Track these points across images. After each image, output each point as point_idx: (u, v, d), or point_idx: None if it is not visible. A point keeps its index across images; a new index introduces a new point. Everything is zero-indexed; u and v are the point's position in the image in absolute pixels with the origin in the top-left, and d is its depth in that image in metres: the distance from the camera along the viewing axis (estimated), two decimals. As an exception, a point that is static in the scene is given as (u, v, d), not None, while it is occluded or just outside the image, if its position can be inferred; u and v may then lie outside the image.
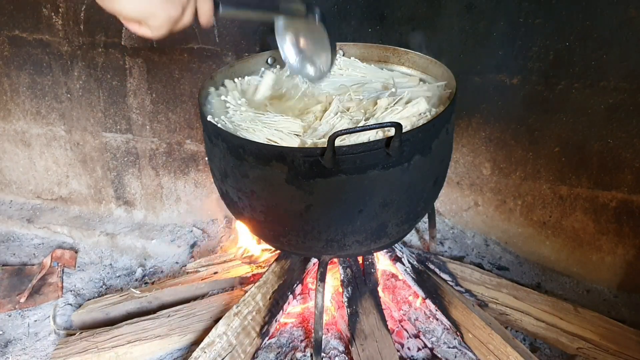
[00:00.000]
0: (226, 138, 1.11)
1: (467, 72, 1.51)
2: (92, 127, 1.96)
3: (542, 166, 1.58)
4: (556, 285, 1.64)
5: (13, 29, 1.86)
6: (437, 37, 1.50)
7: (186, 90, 1.79)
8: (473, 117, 1.59)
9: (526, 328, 1.43)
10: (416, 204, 1.19)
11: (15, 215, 2.12)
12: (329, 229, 1.14)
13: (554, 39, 1.41)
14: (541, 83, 1.47)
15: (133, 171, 2.00)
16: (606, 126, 1.46)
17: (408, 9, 1.49)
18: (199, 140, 1.87)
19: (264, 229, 1.24)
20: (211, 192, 1.95)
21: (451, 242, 1.77)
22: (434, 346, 1.37)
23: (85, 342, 1.42)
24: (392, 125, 0.98)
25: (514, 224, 1.71)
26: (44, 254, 1.94)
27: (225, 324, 1.35)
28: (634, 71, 1.37)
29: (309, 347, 1.37)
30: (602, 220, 1.57)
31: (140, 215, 2.06)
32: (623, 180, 1.50)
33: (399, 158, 1.05)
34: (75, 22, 1.79)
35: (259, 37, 1.64)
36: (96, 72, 1.85)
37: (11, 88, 1.98)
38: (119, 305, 1.56)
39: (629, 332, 1.40)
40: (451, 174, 1.70)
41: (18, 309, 1.68)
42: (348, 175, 1.04)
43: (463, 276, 1.55)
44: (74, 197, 2.12)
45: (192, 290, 1.59)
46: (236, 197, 1.19)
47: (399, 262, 1.50)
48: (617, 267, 1.60)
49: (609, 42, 1.36)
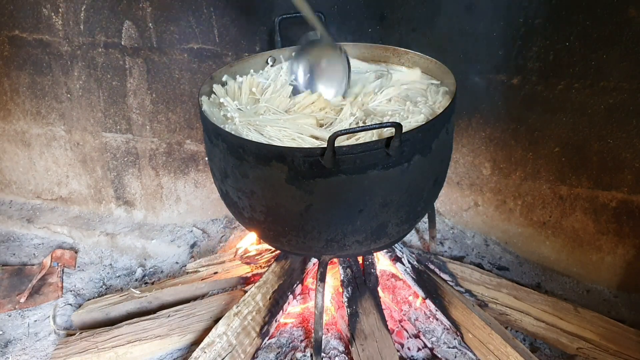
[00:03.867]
0: (226, 138, 1.11)
1: (467, 72, 1.51)
2: (92, 127, 1.96)
3: (542, 166, 1.58)
4: (556, 285, 1.64)
5: (13, 29, 1.87)
6: (437, 37, 1.50)
7: (186, 90, 1.79)
8: (473, 117, 1.59)
9: (526, 328, 1.43)
10: (416, 204, 1.19)
11: (15, 215, 2.12)
12: (329, 229, 1.14)
13: (554, 39, 1.41)
14: (541, 83, 1.47)
15: (133, 171, 2.00)
16: (606, 126, 1.46)
17: (408, 9, 1.49)
18: (199, 140, 1.87)
19: (264, 229, 1.24)
20: (211, 192, 1.95)
21: (451, 242, 1.77)
22: (434, 346, 1.37)
23: (85, 342, 1.42)
24: (392, 125, 0.98)
25: (514, 224, 1.71)
26: (44, 254, 1.94)
27: (225, 324, 1.35)
28: (634, 71, 1.37)
29: (309, 347, 1.37)
30: (602, 220, 1.57)
31: (140, 215, 2.06)
32: (623, 180, 1.50)
33: (399, 158, 1.05)
34: (75, 22, 1.79)
35: (259, 37, 1.64)
36: (96, 72, 1.85)
37: (11, 88, 1.98)
38: (119, 305, 1.56)
39: (629, 332, 1.40)
40: (451, 174, 1.70)
41: (18, 309, 1.68)
42: (348, 175, 1.04)
43: (463, 276, 1.55)
44: (74, 197, 2.12)
45: (192, 290, 1.59)
46: (236, 197, 1.19)
47: (399, 262, 1.50)
48: (617, 267, 1.60)
49: (609, 42, 1.36)
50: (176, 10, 1.66)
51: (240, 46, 1.67)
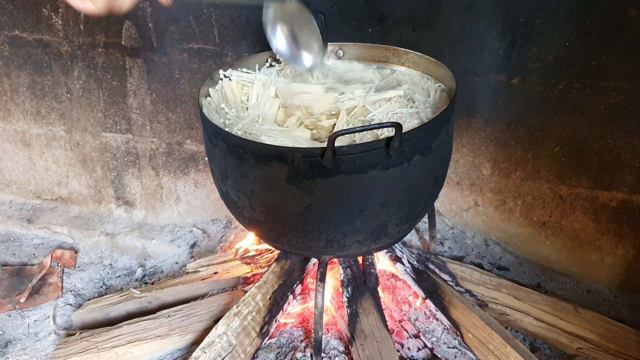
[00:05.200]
0: (226, 138, 1.11)
1: (467, 72, 1.51)
2: (92, 127, 1.96)
3: (542, 166, 1.58)
4: (556, 285, 1.64)
5: (13, 29, 1.87)
6: (437, 37, 1.50)
7: (186, 90, 1.79)
8: (473, 117, 1.59)
9: (526, 328, 1.43)
10: (416, 204, 1.19)
11: (15, 215, 2.12)
12: (329, 229, 1.14)
13: (554, 39, 1.41)
14: (541, 83, 1.47)
15: (133, 171, 2.00)
16: (606, 126, 1.46)
17: (408, 9, 1.49)
18: (199, 140, 1.87)
19: (264, 229, 1.24)
20: (211, 192, 1.95)
21: (451, 242, 1.77)
22: (434, 346, 1.37)
23: (85, 342, 1.42)
24: (392, 125, 0.98)
25: (514, 224, 1.71)
26: (44, 254, 1.94)
27: (225, 324, 1.35)
28: (634, 71, 1.37)
29: (309, 347, 1.37)
30: (602, 220, 1.57)
31: (140, 215, 2.06)
32: (623, 180, 1.50)
33: (399, 158, 1.05)
34: (75, 22, 1.79)
35: (259, 37, 1.64)
36: (96, 72, 1.85)
37: (11, 88, 1.98)
38: (119, 305, 1.56)
39: (629, 332, 1.40)
40: (451, 174, 1.70)
41: (18, 309, 1.68)
42: (348, 175, 1.04)
43: (463, 276, 1.55)
44: (74, 197, 2.12)
45: (192, 290, 1.59)
46: (236, 197, 1.19)
47: (399, 262, 1.50)
48: (617, 267, 1.60)
49: (609, 42, 1.36)
50: (176, 10, 1.66)
51: (240, 46, 1.67)
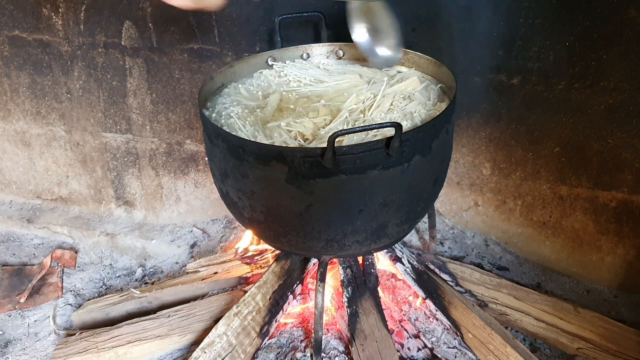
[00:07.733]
0: (226, 138, 1.11)
1: (467, 72, 1.51)
2: (92, 127, 1.96)
3: (542, 166, 1.58)
4: (556, 285, 1.64)
5: (13, 29, 1.87)
6: (437, 37, 1.50)
7: (186, 90, 1.79)
8: (473, 117, 1.59)
9: (526, 328, 1.43)
10: (416, 204, 1.19)
11: (15, 215, 2.12)
12: (329, 229, 1.14)
13: (554, 39, 1.41)
14: (541, 83, 1.47)
15: (133, 171, 2.00)
16: (606, 126, 1.45)
17: (408, 9, 1.49)
18: (199, 140, 1.87)
19: (264, 229, 1.24)
20: (211, 192, 1.95)
21: (451, 242, 1.77)
22: (434, 346, 1.37)
23: (85, 342, 1.42)
24: (392, 125, 0.98)
25: (514, 224, 1.71)
26: (44, 254, 1.94)
27: (225, 324, 1.35)
28: (634, 71, 1.37)
29: (309, 347, 1.37)
30: (602, 220, 1.57)
31: (140, 215, 2.06)
32: (623, 180, 1.50)
33: (399, 158, 1.05)
34: (75, 22, 1.79)
35: (259, 37, 1.64)
36: (96, 72, 1.85)
37: (11, 88, 1.98)
38: (119, 305, 1.56)
39: (629, 332, 1.40)
40: (451, 174, 1.70)
41: (18, 309, 1.68)
42: (348, 176, 1.04)
43: (463, 276, 1.55)
44: (74, 197, 2.12)
45: (192, 290, 1.59)
46: (236, 197, 1.19)
47: (399, 262, 1.50)
48: (617, 267, 1.60)
49: (609, 42, 1.36)
50: (176, 10, 1.66)
51: (240, 46, 1.67)
